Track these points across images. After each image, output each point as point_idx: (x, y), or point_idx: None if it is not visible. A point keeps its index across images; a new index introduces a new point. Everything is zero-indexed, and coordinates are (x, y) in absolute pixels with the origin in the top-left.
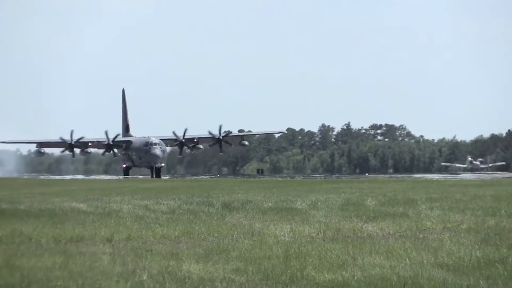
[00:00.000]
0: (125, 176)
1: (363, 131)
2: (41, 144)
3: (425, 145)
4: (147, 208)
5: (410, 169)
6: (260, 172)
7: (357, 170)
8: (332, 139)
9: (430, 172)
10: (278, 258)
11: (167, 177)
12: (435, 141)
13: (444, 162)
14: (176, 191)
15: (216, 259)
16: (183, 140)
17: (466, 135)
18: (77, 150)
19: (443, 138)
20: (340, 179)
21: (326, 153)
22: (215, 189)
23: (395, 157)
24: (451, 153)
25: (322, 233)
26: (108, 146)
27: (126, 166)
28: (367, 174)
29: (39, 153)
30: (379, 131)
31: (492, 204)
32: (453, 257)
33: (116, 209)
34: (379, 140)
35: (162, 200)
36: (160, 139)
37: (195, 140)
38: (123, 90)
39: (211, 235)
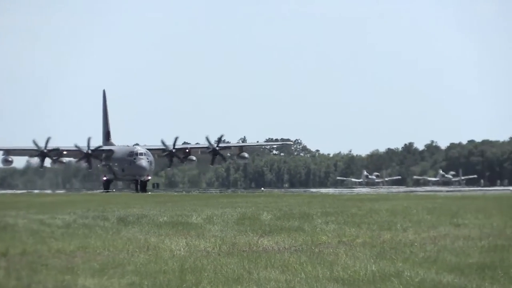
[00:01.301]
0: (105, 191)
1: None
2: (8, 152)
3: (321, 159)
4: (42, 222)
5: (305, 184)
6: (155, 186)
7: (253, 185)
8: (228, 154)
9: (326, 186)
10: (174, 272)
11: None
12: (331, 155)
13: (339, 176)
14: (71, 205)
15: (112, 274)
16: (173, 150)
17: (362, 150)
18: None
19: (339, 153)
20: (236, 193)
21: (221, 167)
22: (110, 203)
23: (291, 172)
24: (346, 167)
25: (218, 248)
26: (87, 156)
27: (106, 179)
28: (262, 188)
29: (6, 162)
30: (274, 145)
31: (388, 218)
32: (349, 271)
33: (11, 223)
34: (275, 154)
35: (58, 214)
36: (147, 149)
37: (187, 150)
38: (104, 92)
39: (106, 249)
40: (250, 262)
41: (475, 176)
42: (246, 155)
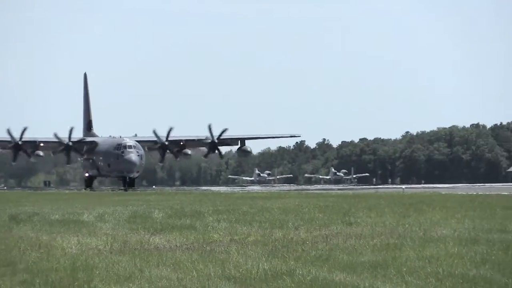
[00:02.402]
0: (88, 188)
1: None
2: None
3: (212, 157)
4: None
5: (197, 182)
6: (47, 184)
7: (144, 182)
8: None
9: (217, 184)
10: (66, 270)
11: None
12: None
13: (231, 175)
14: None
15: (3, 272)
16: (166, 143)
17: (253, 148)
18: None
19: (230, 151)
20: (127, 191)
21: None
22: (1, 201)
23: (182, 170)
24: (238, 165)
25: (109, 246)
26: (67, 148)
27: (89, 176)
28: (154, 186)
29: None
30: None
31: (279, 217)
32: (241, 269)
33: None
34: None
35: None
36: (136, 141)
37: (182, 143)
38: (85, 76)
39: None
40: (141, 260)
41: (367, 174)
42: (249, 148)
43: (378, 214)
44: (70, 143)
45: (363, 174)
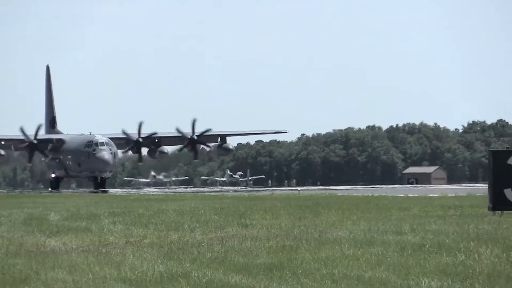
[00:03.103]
0: (54, 190)
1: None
2: None
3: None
4: None
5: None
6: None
7: (41, 185)
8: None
9: (113, 186)
10: None
11: None
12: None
13: (127, 177)
14: None
15: None
16: (140, 140)
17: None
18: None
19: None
20: (23, 194)
21: (8, 168)
22: None
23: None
24: (134, 168)
25: (5, 248)
26: (30, 146)
27: (55, 177)
28: (50, 189)
29: None
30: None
31: (175, 219)
32: (136, 272)
33: None
34: None
35: None
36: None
37: (156, 140)
38: (48, 68)
39: None
40: (37, 263)
41: (263, 176)
42: (230, 146)
43: (274, 216)
44: (35, 141)
45: (259, 176)
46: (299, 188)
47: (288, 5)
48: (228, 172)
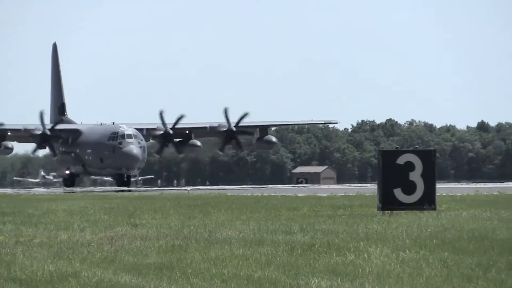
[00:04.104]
0: (68, 189)
1: None
2: None
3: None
4: None
5: None
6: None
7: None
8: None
9: (4, 186)
10: None
11: None
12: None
13: (16, 176)
14: None
15: None
16: (171, 132)
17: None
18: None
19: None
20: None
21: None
22: None
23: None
24: (23, 167)
25: None
26: (44, 138)
27: (70, 173)
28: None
29: None
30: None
31: (65, 218)
32: (26, 271)
33: None
34: None
35: None
36: (135, 128)
37: (187, 131)
38: (55, 46)
39: None
40: None
41: (152, 176)
42: (273, 139)
43: (164, 216)
44: (48, 132)
45: (148, 176)
46: (188, 188)
47: None
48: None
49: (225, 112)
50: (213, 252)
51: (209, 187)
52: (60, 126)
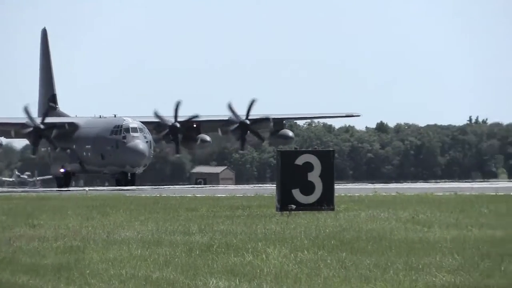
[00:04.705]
0: (61, 189)
1: None
2: None
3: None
4: None
5: None
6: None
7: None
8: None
9: None
10: None
11: None
12: None
13: None
14: None
15: None
16: (177, 125)
17: None
18: None
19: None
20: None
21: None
22: None
23: None
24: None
25: None
26: (36, 132)
27: (65, 172)
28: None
29: None
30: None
31: None
32: None
33: None
34: None
35: None
36: (140, 122)
37: (195, 125)
38: (44, 32)
39: None
40: None
41: (51, 176)
42: (290, 133)
43: (62, 216)
44: (42, 126)
45: (47, 177)
46: (87, 188)
47: None
48: (16, 172)
49: (229, 106)
50: (111, 253)
51: (107, 187)
52: (51, 120)
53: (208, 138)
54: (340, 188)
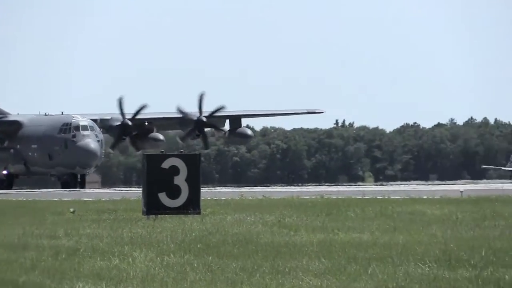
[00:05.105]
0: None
1: None
2: None
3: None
4: None
5: None
6: None
7: None
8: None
9: None
10: None
11: None
12: None
13: None
14: None
15: None
16: (130, 123)
17: None
18: None
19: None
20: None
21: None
22: None
23: None
24: None
25: None
26: None
27: (8, 174)
28: None
29: None
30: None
31: None
32: None
33: None
34: None
35: None
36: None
37: (146, 123)
38: None
39: None
40: None
41: None
42: (249, 131)
43: None
44: None
45: None
46: None
47: None
48: None
49: (200, 98)
50: None
51: None
52: None
53: (161, 136)
54: (207, 192)
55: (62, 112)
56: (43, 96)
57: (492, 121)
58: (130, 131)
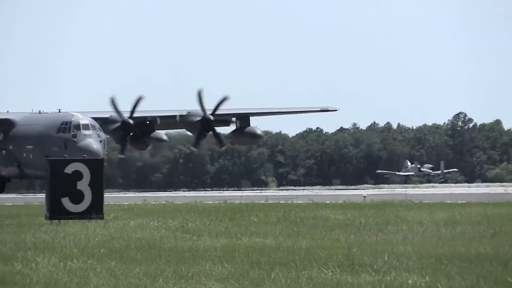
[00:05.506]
0: None
1: None
2: None
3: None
4: None
5: None
6: None
7: None
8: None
9: None
10: None
11: None
12: None
13: None
14: None
15: None
16: (131, 122)
17: None
18: None
19: None
20: None
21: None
22: None
23: None
24: None
25: None
26: None
27: (0, 177)
28: None
29: None
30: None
31: None
32: None
33: None
34: None
35: None
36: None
37: (148, 121)
38: None
39: None
40: None
41: None
42: (258, 131)
43: None
44: None
45: None
46: None
47: None
48: None
49: (199, 95)
50: None
51: None
52: None
53: (164, 136)
54: (110, 197)
55: (59, 110)
56: (34, 94)
57: (395, 126)
58: (130, 131)
